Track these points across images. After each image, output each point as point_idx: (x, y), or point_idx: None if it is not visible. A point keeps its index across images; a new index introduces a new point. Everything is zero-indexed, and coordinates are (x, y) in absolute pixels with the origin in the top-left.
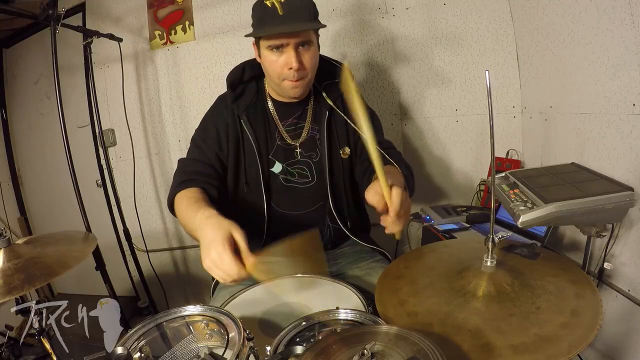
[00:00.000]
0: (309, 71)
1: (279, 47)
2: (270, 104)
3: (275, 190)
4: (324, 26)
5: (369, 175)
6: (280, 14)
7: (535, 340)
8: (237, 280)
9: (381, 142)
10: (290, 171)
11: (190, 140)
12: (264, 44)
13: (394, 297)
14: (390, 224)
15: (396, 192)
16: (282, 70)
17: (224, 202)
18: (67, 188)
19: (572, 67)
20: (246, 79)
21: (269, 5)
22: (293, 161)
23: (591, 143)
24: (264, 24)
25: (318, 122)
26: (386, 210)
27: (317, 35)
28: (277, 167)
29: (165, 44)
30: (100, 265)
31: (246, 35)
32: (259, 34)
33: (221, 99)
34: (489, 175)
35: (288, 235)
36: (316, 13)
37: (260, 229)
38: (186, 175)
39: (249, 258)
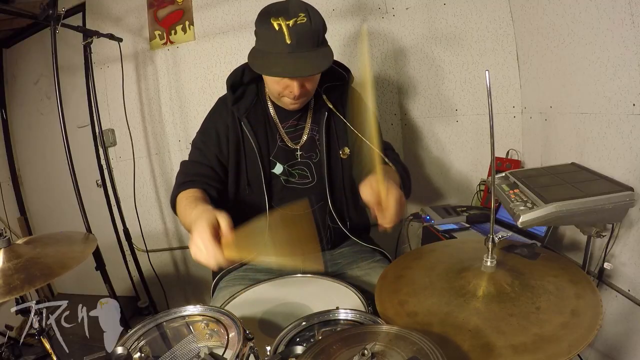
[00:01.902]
0: (310, 90)
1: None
2: (270, 106)
3: (276, 191)
4: (331, 62)
5: (366, 175)
6: (288, 42)
7: (535, 340)
8: (221, 261)
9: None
10: (291, 172)
11: (191, 143)
12: None
13: (394, 297)
14: (383, 219)
15: (392, 192)
16: (282, 91)
17: (225, 203)
18: (67, 188)
19: (572, 67)
20: (246, 80)
21: (276, 27)
22: (294, 162)
23: (591, 143)
24: (271, 54)
25: (317, 122)
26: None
27: None
28: (278, 169)
29: (165, 44)
30: (100, 265)
31: (252, 67)
32: (265, 71)
33: (221, 101)
34: (489, 175)
35: (288, 235)
36: (324, 36)
37: (262, 230)
38: (187, 176)
39: (226, 236)
